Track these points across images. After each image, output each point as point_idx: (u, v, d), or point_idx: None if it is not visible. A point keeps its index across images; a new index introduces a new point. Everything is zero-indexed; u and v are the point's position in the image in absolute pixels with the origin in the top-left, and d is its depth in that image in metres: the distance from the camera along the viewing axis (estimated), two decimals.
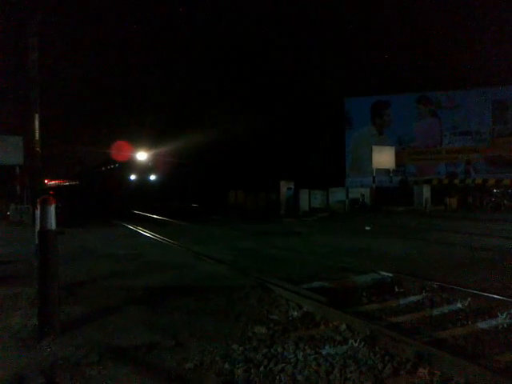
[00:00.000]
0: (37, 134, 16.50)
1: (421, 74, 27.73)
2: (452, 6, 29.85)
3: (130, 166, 38.27)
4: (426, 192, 21.30)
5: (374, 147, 24.23)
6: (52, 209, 4.05)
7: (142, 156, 35.57)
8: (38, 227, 4.03)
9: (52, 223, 4.03)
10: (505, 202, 19.79)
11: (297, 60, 32.49)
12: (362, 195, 22.26)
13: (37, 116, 16.45)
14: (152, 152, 35.14)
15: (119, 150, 33.34)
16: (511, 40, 26.07)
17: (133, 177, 40.00)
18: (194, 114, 34.04)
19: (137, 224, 14.73)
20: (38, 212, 4.05)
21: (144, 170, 37.97)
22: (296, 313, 4.75)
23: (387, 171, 24.54)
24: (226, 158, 32.32)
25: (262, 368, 3.43)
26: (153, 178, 39.15)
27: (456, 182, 23.64)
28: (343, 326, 4.24)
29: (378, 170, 23.72)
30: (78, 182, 51.56)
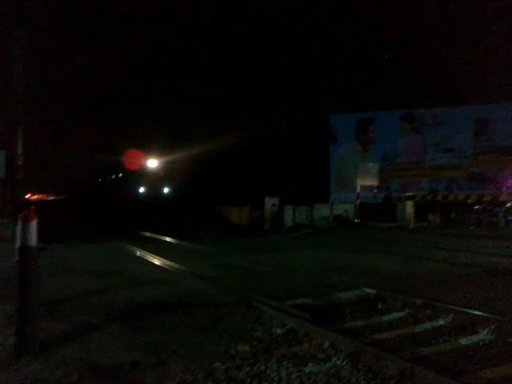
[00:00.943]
0: (20, 148, 16.32)
1: (404, 92, 28.21)
2: (434, 26, 30.55)
3: (138, 175, 34.17)
4: (410, 208, 21.48)
5: (359, 164, 24.44)
6: (33, 224, 4.00)
7: (152, 163, 31.89)
8: (18, 243, 3.97)
9: (33, 239, 3.98)
10: (486, 218, 20.04)
11: (283, 77, 32.86)
12: (346, 211, 22.36)
13: (20, 129, 16.30)
14: (164, 159, 31.82)
15: (132, 159, 31.14)
16: (492, 60, 26.71)
17: (142, 189, 35.05)
18: (185, 129, 33.70)
19: (125, 240, 14.59)
20: (18, 228, 4.00)
21: (155, 180, 33.88)
22: (279, 330, 4.73)
23: (371, 187, 24.73)
24: (212, 173, 32.10)
25: None
26: (166, 190, 34.54)
27: (439, 198, 23.91)
28: (326, 344, 4.23)
29: (362, 186, 23.91)
30: (64, 196, 48.56)
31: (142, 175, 33.06)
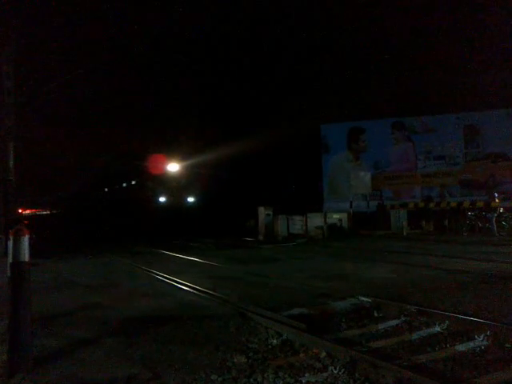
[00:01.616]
0: (11, 163, 16.24)
1: (395, 101, 28.42)
2: (423, 35, 30.89)
3: (158, 182, 28.18)
4: (403, 216, 21.56)
5: (351, 173, 24.55)
6: (25, 240, 3.97)
7: (173, 167, 26.70)
8: (10, 259, 3.93)
9: (25, 255, 3.94)
10: (479, 224, 20.13)
11: (274, 87, 33.05)
12: (340, 220, 22.39)
13: (11, 143, 16.22)
14: (185, 163, 26.83)
15: (156, 163, 26.87)
16: (479, 68, 27.02)
17: (162, 198, 28.21)
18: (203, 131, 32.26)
19: (123, 255, 14.52)
20: (10, 243, 3.97)
21: (177, 187, 28.18)
22: (275, 341, 4.70)
23: (364, 196, 24.82)
24: (227, 179, 31.24)
25: None
26: (191, 199, 28.55)
27: (431, 205, 24.01)
28: (323, 353, 4.21)
29: (355, 195, 23.97)
30: (63, 210, 45.30)
31: (162, 182, 27.72)
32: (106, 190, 36.21)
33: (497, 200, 20.16)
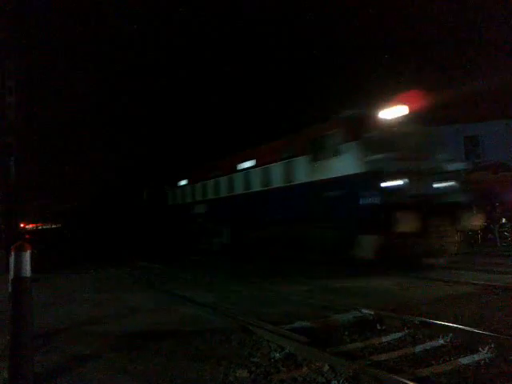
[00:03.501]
0: (12, 178, 16.26)
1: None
2: (421, 43, 31.10)
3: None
4: None
5: None
6: (27, 255, 3.97)
7: (387, 113, 12.39)
8: (11, 274, 3.93)
9: (27, 270, 3.94)
10: (481, 234, 20.04)
11: (272, 97, 33.23)
12: None
13: (12, 158, 16.25)
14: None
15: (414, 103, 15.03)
16: (477, 79, 27.19)
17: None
18: None
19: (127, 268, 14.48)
20: (11, 258, 3.97)
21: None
22: (278, 354, 4.67)
23: None
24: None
25: None
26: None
27: None
28: (326, 367, 4.18)
29: None
30: (70, 223, 39.67)
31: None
32: (171, 186, 22.94)
33: (498, 211, 20.12)
